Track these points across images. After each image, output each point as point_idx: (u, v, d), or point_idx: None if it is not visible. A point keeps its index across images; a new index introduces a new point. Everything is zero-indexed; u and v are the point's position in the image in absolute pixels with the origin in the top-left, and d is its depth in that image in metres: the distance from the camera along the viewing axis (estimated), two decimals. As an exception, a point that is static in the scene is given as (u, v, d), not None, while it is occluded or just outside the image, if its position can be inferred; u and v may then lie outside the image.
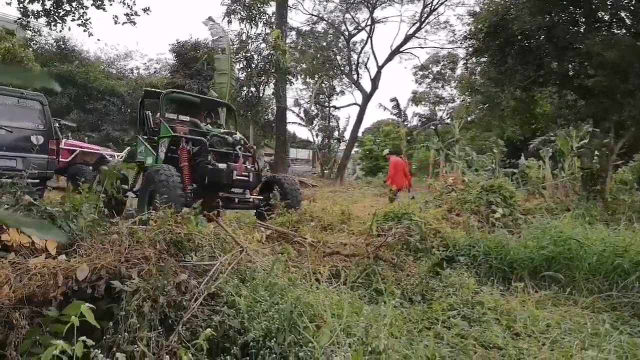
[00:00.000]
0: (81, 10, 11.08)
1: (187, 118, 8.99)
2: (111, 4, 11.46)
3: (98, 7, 11.20)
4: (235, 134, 8.16)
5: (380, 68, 27.63)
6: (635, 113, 9.64)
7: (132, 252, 2.54)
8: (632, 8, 10.01)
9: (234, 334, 2.34)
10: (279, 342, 2.31)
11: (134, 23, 11.88)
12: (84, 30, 11.39)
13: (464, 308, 3.82)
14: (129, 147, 17.22)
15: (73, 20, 11.14)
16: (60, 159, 13.38)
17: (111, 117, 25.18)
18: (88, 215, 3.17)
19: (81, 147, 13.70)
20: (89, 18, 11.24)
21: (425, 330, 3.35)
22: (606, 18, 10.58)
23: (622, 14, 10.31)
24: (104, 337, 2.14)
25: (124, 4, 11.52)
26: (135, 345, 2.01)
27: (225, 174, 7.26)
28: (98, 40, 31.11)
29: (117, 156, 14.57)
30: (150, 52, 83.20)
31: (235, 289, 2.68)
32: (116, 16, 12.10)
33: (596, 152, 11.43)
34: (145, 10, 11.92)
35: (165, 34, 71.02)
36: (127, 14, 11.71)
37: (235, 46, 17.13)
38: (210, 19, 16.62)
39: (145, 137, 8.70)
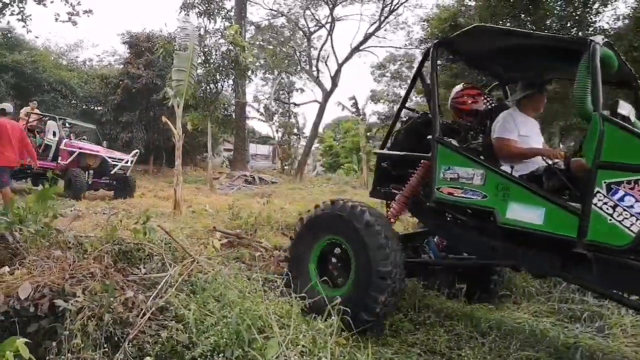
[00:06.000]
0: (20, 5, 10.64)
1: (627, 107, 3.40)
2: (52, 1, 11.21)
3: (39, 2, 10.87)
4: None
5: (340, 66, 27.79)
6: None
7: (77, 268, 2.51)
8: (577, 18, 10.55)
9: (181, 349, 2.35)
10: (227, 356, 2.34)
11: (75, 23, 11.55)
12: (23, 26, 11.02)
13: (411, 312, 3.99)
14: (136, 150, 14.20)
15: (12, 14, 10.70)
16: (60, 162, 12.27)
17: (61, 110, 24.23)
18: (31, 226, 3.08)
19: (80, 149, 12.31)
20: (30, 15, 10.86)
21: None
22: (554, 26, 11.09)
23: (569, 24, 10.84)
24: (47, 358, 2.11)
25: (67, 2, 11.16)
26: (79, 367, 2.01)
27: None
28: (36, 37, 29.79)
29: (124, 161, 12.61)
30: (104, 44, 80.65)
31: (184, 302, 2.68)
32: (57, 14, 11.70)
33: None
34: (87, 12, 11.67)
35: (118, 25, 69.04)
36: (69, 13, 11.38)
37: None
38: (186, 13, 16.79)
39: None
